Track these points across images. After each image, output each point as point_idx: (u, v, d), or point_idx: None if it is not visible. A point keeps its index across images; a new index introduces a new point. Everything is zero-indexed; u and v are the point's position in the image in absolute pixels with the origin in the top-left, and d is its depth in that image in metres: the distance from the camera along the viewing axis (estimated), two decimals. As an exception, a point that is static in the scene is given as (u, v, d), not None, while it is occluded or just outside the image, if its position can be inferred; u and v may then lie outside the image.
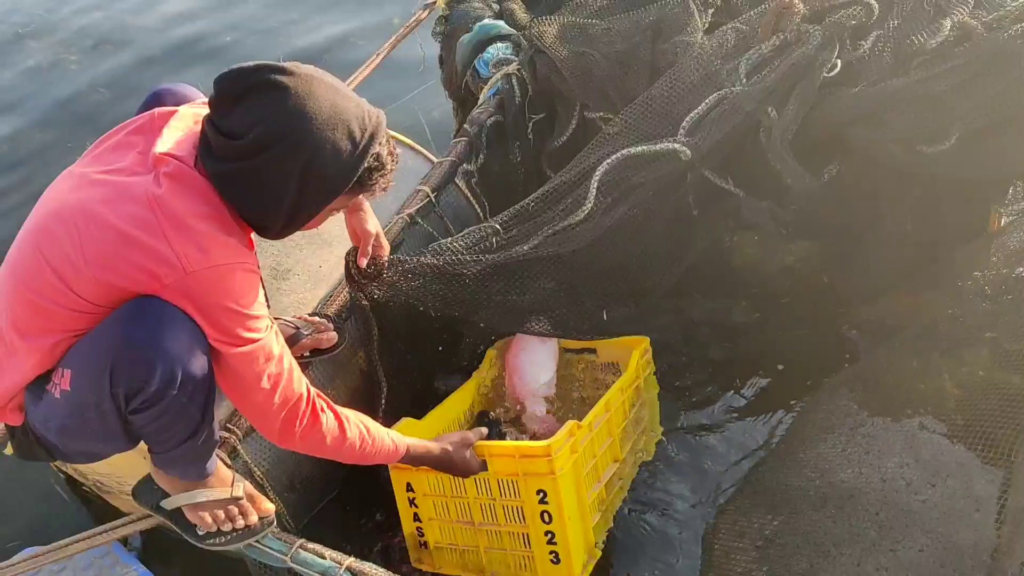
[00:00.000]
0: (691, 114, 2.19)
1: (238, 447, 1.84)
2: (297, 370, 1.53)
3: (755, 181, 2.29)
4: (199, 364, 1.40)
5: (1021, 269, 2.09)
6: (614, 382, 2.12)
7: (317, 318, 2.03)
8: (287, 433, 1.54)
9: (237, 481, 1.72)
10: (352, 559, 1.61)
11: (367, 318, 2.06)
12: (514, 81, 2.61)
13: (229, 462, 1.80)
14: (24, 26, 4.94)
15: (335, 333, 2.02)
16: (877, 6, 2.23)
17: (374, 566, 1.60)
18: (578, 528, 1.84)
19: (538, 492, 1.77)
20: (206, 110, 1.41)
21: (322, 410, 1.58)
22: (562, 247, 2.16)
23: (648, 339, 2.26)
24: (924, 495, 1.78)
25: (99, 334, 1.38)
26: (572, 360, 2.40)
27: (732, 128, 2.15)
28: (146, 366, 1.35)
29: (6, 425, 1.59)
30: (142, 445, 1.54)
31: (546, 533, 1.80)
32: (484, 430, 1.91)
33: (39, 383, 1.45)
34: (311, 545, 1.65)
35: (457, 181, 2.47)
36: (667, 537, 2.12)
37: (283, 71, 1.35)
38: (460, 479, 1.86)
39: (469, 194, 2.51)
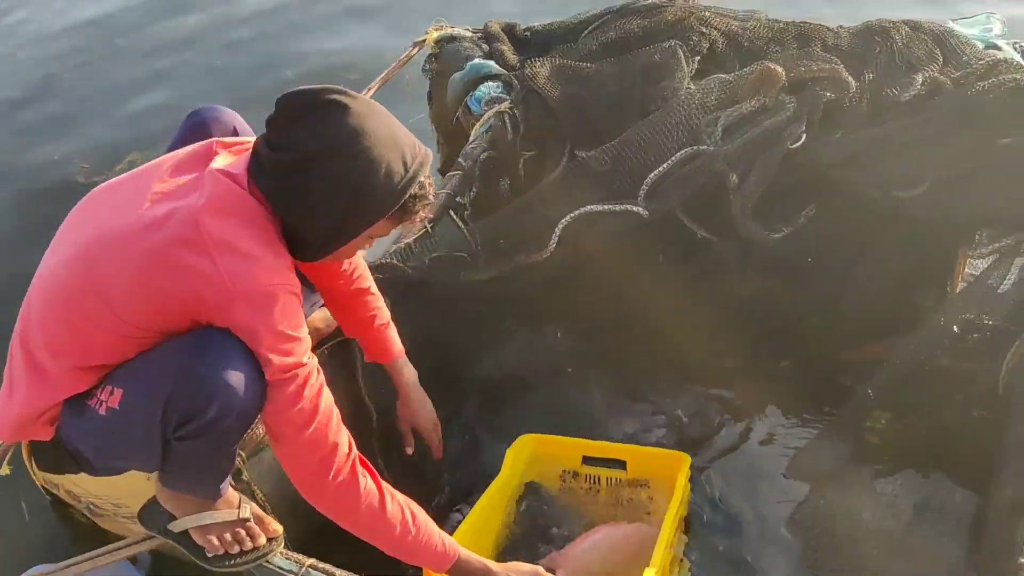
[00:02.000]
0: (658, 169, 2.31)
1: (242, 468, 1.86)
2: (338, 419, 1.49)
3: (726, 227, 2.39)
4: (252, 398, 1.41)
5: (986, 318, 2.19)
6: (644, 501, 2.03)
7: None
8: (317, 484, 1.48)
9: (244, 503, 1.74)
10: (362, 578, 1.63)
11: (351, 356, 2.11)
12: (506, 119, 2.69)
13: (233, 483, 1.82)
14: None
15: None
16: (854, 83, 2.37)
17: (383, 586, 1.62)
18: None
19: None
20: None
21: (363, 474, 1.50)
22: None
23: (689, 457, 2.05)
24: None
25: (159, 359, 1.40)
26: (585, 476, 2.16)
27: (700, 186, 2.28)
28: (206, 399, 1.37)
29: (28, 442, 1.60)
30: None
31: None
32: None
33: (79, 398, 1.47)
34: (322, 564, 1.67)
35: (451, 213, 2.54)
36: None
37: (345, 93, 1.40)
38: None
39: (463, 226, 2.57)
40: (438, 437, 2.04)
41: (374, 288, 1.93)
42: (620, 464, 2.13)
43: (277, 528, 1.76)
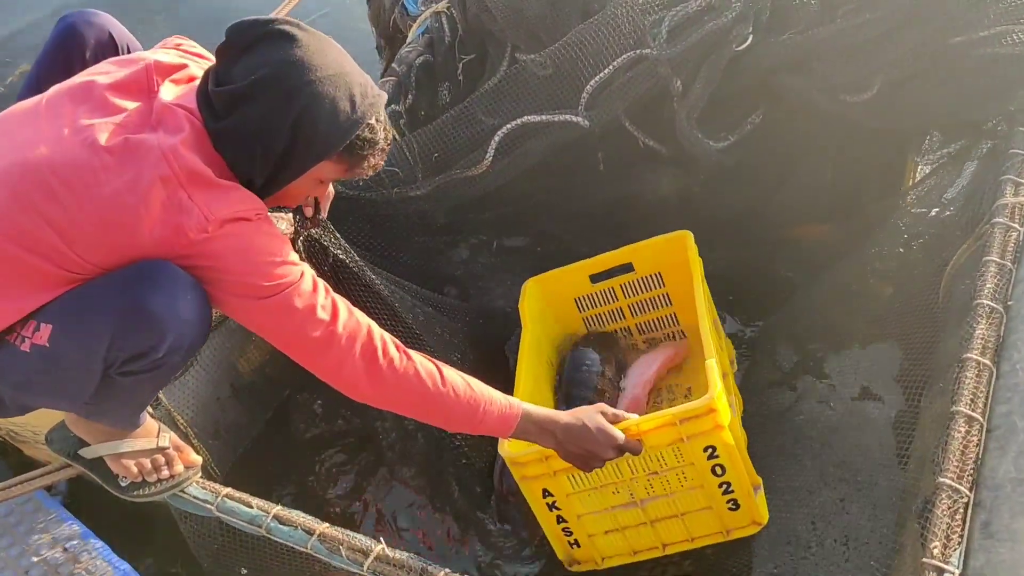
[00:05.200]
0: (598, 76, 2.19)
1: (160, 395, 1.81)
2: (351, 305, 1.44)
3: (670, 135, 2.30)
4: (203, 332, 1.39)
5: (936, 210, 2.16)
6: (659, 296, 2.10)
7: None
8: (376, 374, 1.40)
9: (163, 431, 1.70)
10: (279, 507, 1.60)
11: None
12: (444, 20, 2.56)
13: (152, 411, 1.77)
14: None
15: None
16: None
17: (302, 514, 1.59)
18: (743, 467, 1.71)
19: (706, 449, 1.64)
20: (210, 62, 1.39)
21: (406, 349, 1.44)
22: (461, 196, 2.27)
23: (690, 232, 2.06)
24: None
25: (99, 294, 1.33)
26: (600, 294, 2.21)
27: (644, 92, 2.17)
28: (159, 335, 1.33)
29: None
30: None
31: (720, 485, 1.69)
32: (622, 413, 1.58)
33: None
34: (237, 494, 1.64)
35: (385, 123, 2.43)
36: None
37: (298, 26, 1.35)
38: (612, 466, 1.62)
39: (397, 135, 2.46)
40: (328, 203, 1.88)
41: None
42: (628, 268, 2.16)
43: (196, 458, 1.73)
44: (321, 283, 1.42)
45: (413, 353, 1.45)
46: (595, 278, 2.19)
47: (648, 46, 2.16)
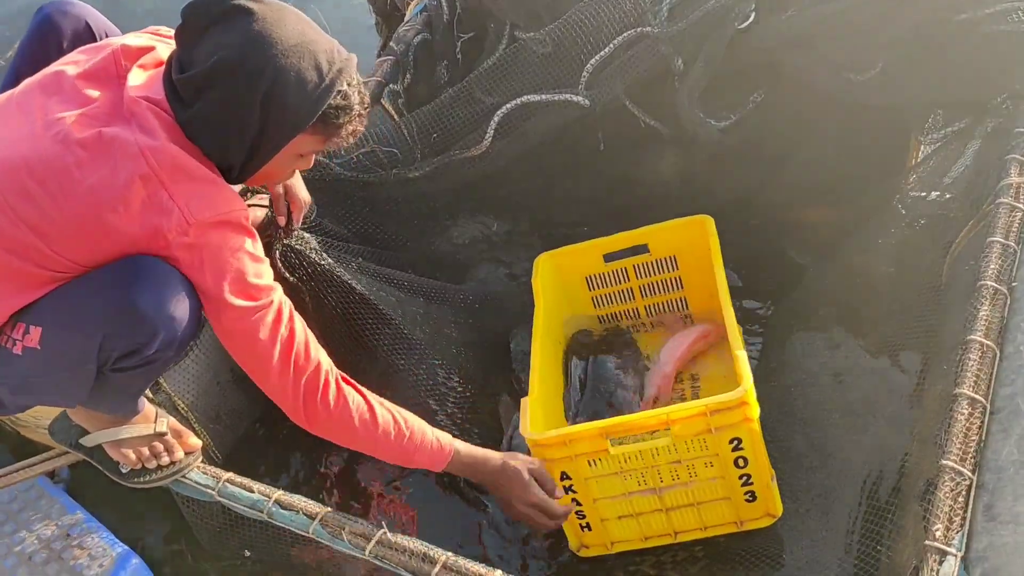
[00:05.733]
0: (599, 54, 2.16)
1: (160, 380, 1.81)
2: (311, 336, 1.47)
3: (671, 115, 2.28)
4: (193, 326, 1.38)
5: (939, 190, 2.15)
6: (672, 279, 2.08)
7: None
8: (311, 409, 1.46)
9: (161, 416, 1.69)
10: (280, 492, 1.60)
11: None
12: (442, -3, 2.52)
13: (152, 396, 1.77)
14: None
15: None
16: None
17: (304, 498, 1.59)
18: (766, 460, 1.72)
19: (732, 441, 1.65)
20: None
21: (346, 383, 1.49)
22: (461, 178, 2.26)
23: (711, 218, 2.03)
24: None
25: (85, 293, 1.32)
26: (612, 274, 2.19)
27: (645, 70, 2.14)
28: (151, 332, 1.33)
29: None
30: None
31: (741, 477, 1.70)
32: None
33: None
34: (239, 479, 1.64)
35: (383, 102, 2.41)
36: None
37: None
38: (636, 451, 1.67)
39: (396, 115, 2.44)
40: (301, 213, 1.90)
41: None
42: (642, 250, 2.12)
43: (195, 443, 1.72)
44: (287, 310, 1.43)
45: (352, 394, 1.49)
46: (609, 257, 2.17)
47: (649, 24, 2.14)
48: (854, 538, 1.64)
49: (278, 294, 1.42)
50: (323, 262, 1.93)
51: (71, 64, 1.41)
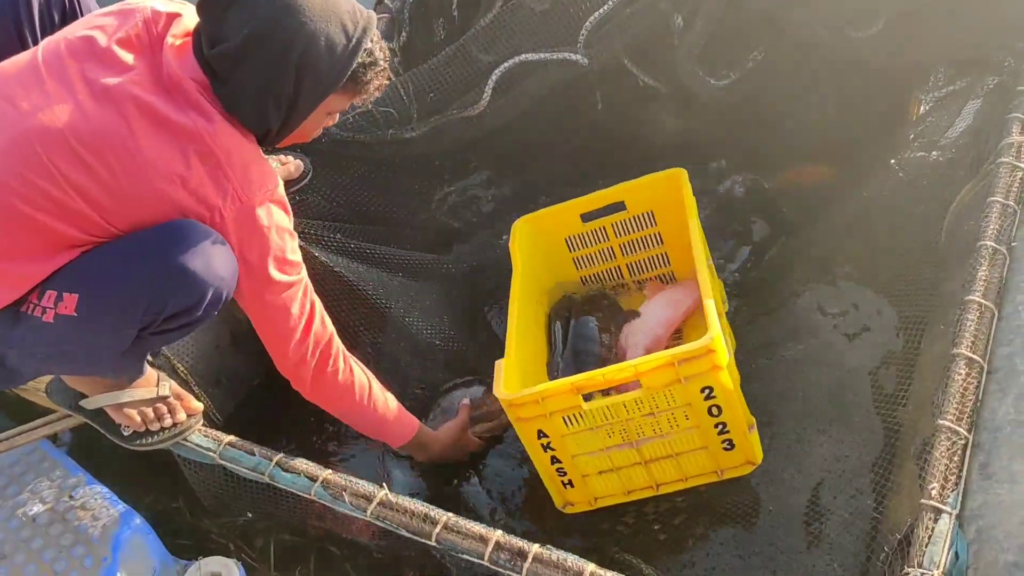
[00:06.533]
0: (597, 12, 2.14)
1: (160, 344, 1.81)
2: (323, 309, 1.57)
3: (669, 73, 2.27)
4: (234, 284, 1.42)
5: (936, 153, 2.14)
6: (651, 235, 2.09)
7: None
8: (319, 377, 1.57)
9: (163, 380, 1.70)
10: (282, 455, 1.61)
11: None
12: (438, -49, 2.48)
13: (152, 359, 1.77)
14: None
15: (300, 161, 2.02)
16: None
17: (305, 460, 1.60)
18: (740, 408, 1.70)
19: (703, 390, 1.64)
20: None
21: (352, 360, 1.62)
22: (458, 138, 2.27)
23: (684, 170, 2.00)
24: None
25: (127, 258, 1.34)
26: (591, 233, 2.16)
27: (644, 28, 2.13)
28: (200, 293, 1.35)
29: None
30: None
31: (716, 425, 1.69)
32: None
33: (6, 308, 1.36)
34: (240, 442, 1.65)
35: (379, 62, 2.37)
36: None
37: None
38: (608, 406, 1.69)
39: (392, 74, 2.41)
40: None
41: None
42: (619, 207, 2.10)
43: (197, 406, 1.73)
44: (309, 285, 1.53)
45: (355, 366, 1.65)
46: (586, 217, 2.14)
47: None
48: (843, 494, 1.66)
49: (304, 273, 1.51)
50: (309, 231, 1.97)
51: (97, 29, 1.40)
